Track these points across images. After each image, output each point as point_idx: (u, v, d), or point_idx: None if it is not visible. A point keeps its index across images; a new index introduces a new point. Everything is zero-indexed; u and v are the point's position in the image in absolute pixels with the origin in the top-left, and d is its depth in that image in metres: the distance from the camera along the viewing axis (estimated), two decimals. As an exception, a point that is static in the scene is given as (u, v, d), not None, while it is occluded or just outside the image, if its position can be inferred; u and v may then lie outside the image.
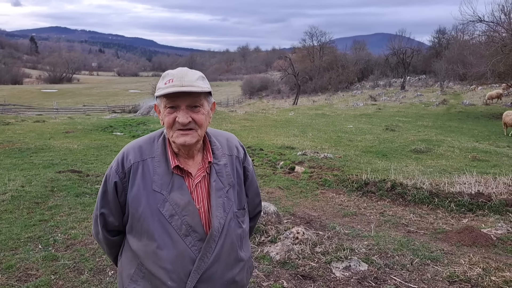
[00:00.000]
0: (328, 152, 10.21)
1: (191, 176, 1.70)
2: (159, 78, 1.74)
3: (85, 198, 6.41)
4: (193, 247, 1.63)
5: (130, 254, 1.73)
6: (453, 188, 6.86)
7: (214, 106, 1.78)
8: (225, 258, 1.69)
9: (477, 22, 22.27)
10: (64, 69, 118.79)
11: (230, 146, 1.86)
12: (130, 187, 1.68)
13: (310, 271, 4.00)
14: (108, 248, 1.87)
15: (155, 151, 1.71)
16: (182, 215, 1.63)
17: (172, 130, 1.65)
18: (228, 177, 1.77)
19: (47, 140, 13.02)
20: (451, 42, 54.04)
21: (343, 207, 6.43)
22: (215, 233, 1.65)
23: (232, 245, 1.72)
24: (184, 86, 1.59)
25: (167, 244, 1.62)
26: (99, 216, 1.76)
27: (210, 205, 1.69)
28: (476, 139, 14.11)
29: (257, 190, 2.03)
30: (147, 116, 25.59)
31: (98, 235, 1.84)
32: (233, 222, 1.74)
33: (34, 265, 4.04)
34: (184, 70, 1.67)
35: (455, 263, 4.19)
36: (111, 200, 1.72)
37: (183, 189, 1.66)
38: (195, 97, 1.63)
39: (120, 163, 1.71)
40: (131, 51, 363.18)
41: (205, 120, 1.68)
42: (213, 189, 1.70)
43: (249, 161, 1.94)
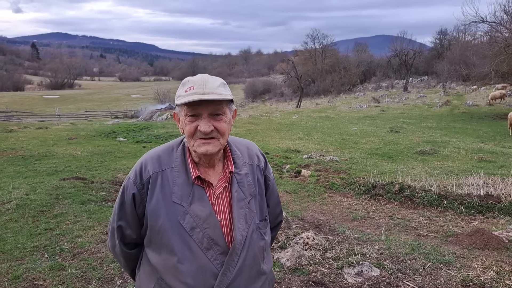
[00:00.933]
0: (333, 155, 10.14)
1: (212, 187, 1.64)
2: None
3: (90, 206, 6.35)
4: (215, 261, 1.57)
5: (148, 268, 1.66)
6: (461, 190, 6.78)
7: (235, 114, 1.71)
8: (248, 272, 1.62)
9: (480, 23, 22.22)
10: (66, 75, 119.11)
11: (250, 155, 1.79)
12: (149, 199, 1.61)
13: (321, 277, 3.93)
14: (125, 262, 1.81)
15: (174, 161, 1.65)
16: (203, 227, 1.57)
17: (193, 139, 1.58)
18: (250, 187, 1.70)
19: (51, 147, 12.99)
20: (452, 43, 53.98)
21: (351, 210, 6.36)
22: (237, 246, 1.58)
23: (254, 258, 1.65)
24: (205, 93, 1.53)
25: (188, 258, 1.55)
26: (116, 228, 1.70)
27: (232, 216, 1.62)
28: (481, 140, 14.01)
29: (278, 199, 1.96)
30: (150, 121, 25.59)
31: (114, 248, 1.77)
32: (256, 234, 1.67)
33: (41, 275, 3.98)
34: (205, 77, 1.61)
35: (468, 267, 4.12)
36: (129, 212, 1.66)
37: (204, 201, 1.60)
38: (217, 105, 1.57)
39: (138, 174, 1.64)
40: (132, 56, 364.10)
41: (227, 129, 1.62)
42: (235, 200, 1.63)
43: (269, 169, 1.87)
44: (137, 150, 12.68)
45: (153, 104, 51.12)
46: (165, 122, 23.31)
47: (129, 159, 10.94)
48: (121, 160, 10.64)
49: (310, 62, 66.66)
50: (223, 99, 1.56)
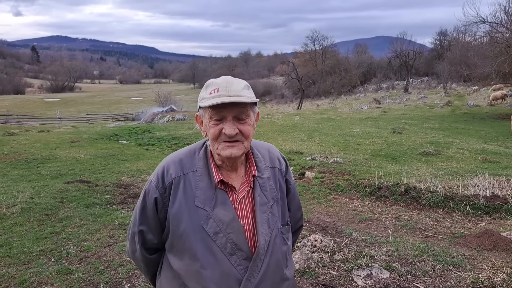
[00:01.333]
0: (337, 157, 10.11)
1: (235, 191, 1.62)
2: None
3: (95, 209, 6.33)
4: (239, 267, 1.54)
5: (170, 273, 1.64)
6: (467, 191, 6.75)
7: (258, 116, 1.69)
8: (271, 278, 1.59)
9: (481, 23, 22.20)
10: (66, 78, 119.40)
11: (272, 158, 1.77)
12: (171, 203, 1.59)
13: (331, 280, 3.90)
14: (145, 267, 1.78)
15: (197, 164, 1.63)
16: (226, 232, 1.54)
17: (217, 142, 1.56)
18: (272, 191, 1.68)
19: (53, 150, 12.98)
20: (452, 44, 53.98)
21: (357, 212, 6.33)
22: (261, 251, 1.56)
23: (278, 263, 1.63)
24: (230, 96, 1.51)
25: (211, 264, 1.53)
26: (137, 233, 1.67)
27: (255, 221, 1.60)
28: (484, 140, 13.98)
29: (299, 203, 1.94)
30: (152, 123, 25.59)
31: (135, 253, 1.75)
32: (278, 239, 1.65)
33: (48, 279, 3.96)
34: (229, 79, 1.58)
35: (478, 269, 4.09)
36: (151, 217, 1.63)
37: (227, 205, 1.57)
38: (242, 108, 1.55)
39: (160, 178, 1.62)
40: (132, 58, 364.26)
41: (251, 132, 1.59)
42: (258, 204, 1.61)
43: (290, 173, 1.85)
44: (140, 153, 12.66)
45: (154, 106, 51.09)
46: (166, 124, 23.30)
47: (132, 161, 10.92)
48: (124, 163, 10.62)
49: (310, 64, 66.72)
50: (248, 102, 1.54)
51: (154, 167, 10.11)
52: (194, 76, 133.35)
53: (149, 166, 10.11)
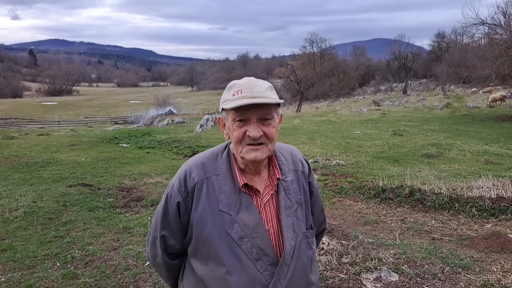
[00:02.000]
0: (339, 159, 10.08)
1: (259, 194, 1.58)
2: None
3: (99, 213, 6.29)
4: (265, 272, 1.50)
5: (193, 279, 1.59)
6: (471, 193, 6.72)
7: (281, 118, 1.65)
8: (297, 283, 1.56)
9: (480, 25, 22.26)
10: (64, 81, 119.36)
11: (294, 161, 1.73)
12: (194, 207, 1.55)
13: (340, 283, 3.87)
14: (167, 273, 1.74)
15: (220, 168, 1.59)
16: (252, 237, 1.51)
17: (241, 145, 1.53)
18: (296, 195, 1.64)
19: (54, 154, 12.95)
20: (450, 46, 54.16)
21: (362, 214, 6.29)
22: (287, 257, 1.52)
23: (303, 268, 1.59)
24: (254, 97, 1.47)
25: (237, 269, 1.49)
26: (159, 238, 1.63)
27: (280, 225, 1.56)
28: (486, 142, 13.97)
29: (322, 206, 1.90)
30: (151, 126, 25.55)
31: (155, 258, 1.71)
32: (304, 243, 1.61)
33: (54, 284, 3.92)
34: (252, 80, 1.55)
35: (487, 271, 4.07)
36: (173, 221, 1.59)
37: (251, 209, 1.54)
38: (266, 109, 1.51)
39: (182, 182, 1.58)
40: (130, 61, 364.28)
41: (276, 134, 1.56)
42: (282, 208, 1.57)
43: (313, 176, 1.81)
44: (141, 156, 12.63)
45: (152, 109, 51.05)
46: (166, 127, 23.26)
47: (134, 165, 10.89)
48: (126, 166, 10.58)
49: (309, 66, 66.85)
50: (272, 103, 1.51)
51: (156, 170, 10.07)
52: (192, 79, 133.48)
53: (151, 169, 10.08)
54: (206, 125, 19.61)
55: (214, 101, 73.38)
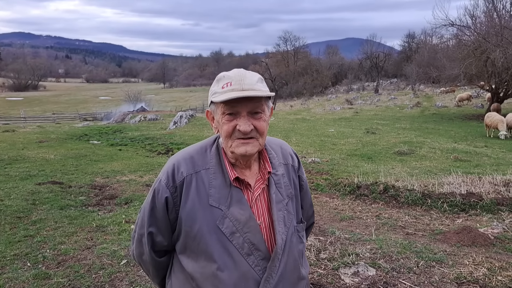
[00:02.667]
0: (314, 157, 10.17)
1: (250, 188, 1.54)
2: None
3: (70, 211, 6.11)
4: (257, 267, 1.47)
5: (182, 276, 1.54)
6: (442, 189, 6.90)
7: (271, 112, 1.60)
8: (289, 277, 1.53)
9: (449, 26, 22.90)
10: (30, 76, 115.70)
11: (284, 155, 1.70)
12: (183, 203, 1.49)
13: (319, 278, 3.88)
14: (154, 271, 1.67)
15: (209, 162, 1.54)
16: (243, 232, 1.46)
17: (231, 139, 1.48)
18: (287, 188, 1.61)
19: (21, 151, 12.53)
20: (420, 46, 55.44)
21: (338, 211, 6.36)
22: (279, 251, 1.49)
23: (295, 262, 1.56)
24: (244, 90, 1.42)
25: (228, 265, 1.45)
26: (146, 235, 1.57)
27: (271, 219, 1.53)
28: (454, 140, 14.39)
29: (311, 200, 1.88)
30: (123, 123, 25.09)
31: (142, 256, 1.64)
32: (295, 237, 1.59)
33: (25, 285, 3.77)
34: (242, 72, 1.50)
35: (459, 264, 4.16)
36: (160, 218, 1.53)
37: (242, 203, 1.49)
38: (256, 102, 1.46)
39: (170, 176, 1.52)
40: (99, 56, 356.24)
41: (266, 128, 1.52)
42: (273, 201, 1.54)
43: (303, 170, 1.78)
44: (113, 153, 12.38)
45: (123, 106, 50.15)
46: (138, 124, 22.90)
47: (106, 162, 10.66)
48: (97, 164, 10.35)
49: (283, 64, 67.08)
50: (263, 96, 1.46)
51: (129, 167, 9.87)
52: (164, 76, 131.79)
53: (124, 166, 9.88)
54: (180, 122, 19.40)
55: (187, 98, 72.74)
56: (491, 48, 20.13)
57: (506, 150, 12.30)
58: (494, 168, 8.83)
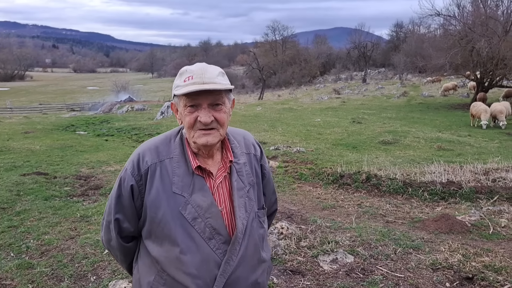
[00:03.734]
0: (299, 146, 10.25)
1: (212, 176, 1.63)
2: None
3: (55, 202, 6.13)
4: (218, 250, 1.56)
5: (148, 260, 1.63)
6: (424, 178, 7.04)
7: (233, 103, 1.69)
8: (250, 260, 1.63)
9: (436, 16, 23.03)
10: (16, 66, 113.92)
11: (247, 144, 1.79)
12: (148, 190, 1.58)
13: (298, 265, 3.98)
14: (122, 256, 1.76)
15: (173, 151, 1.62)
16: (205, 217, 1.55)
17: (193, 130, 1.56)
18: (248, 176, 1.70)
19: (5, 142, 12.43)
20: (408, 36, 55.65)
21: (321, 200, 6.46)
22: (239, 235, 1.59)
23: (255, 246, 1.66)
24: (205, 83, 1.50)
25: (191, 249, 1.54)
26: (113, 222, 1.65)
27: (233, 206, 1.62)
28: (439, 129, 14.57)
29: (273, 188, 1.98)
30: (110, 113, 24.94)
31: (110, 242, 1.72)
32: (255, 222, 1.68)
33: (8, 275, 3.81)
34: (203, 66, 1.58)
35: (436, 251, 4.29)
36: (127, 205, 1.61)
37: (205, 190, 1.58)
38: (217, 95, 1.55)
39: (136, 165, 1.60)
40: (87, 46, 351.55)
41: (227, 119, 1.60)
42: (235, 189, 1.63)
43: (265, 159, 1.88)
44: (99, 144, 12.34)
45: (111, 96, 49.71)
46: (125, 114, 22.78)
47: (91, 153, 10.63)
48: (83, 154, 10.32)
49: (271, 54, 66.89)
50: (223, 89, 1.54)
51: (115, 158, 9.87)
52: (153, 66, 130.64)
53: (110, 157, 9.87)
54: (167, 112, 19.34)
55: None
56: (476, 38, 20.33)
57: (488, 139, 12.50)
58: (475, 157, 9.00)
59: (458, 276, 3.75)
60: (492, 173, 7.26)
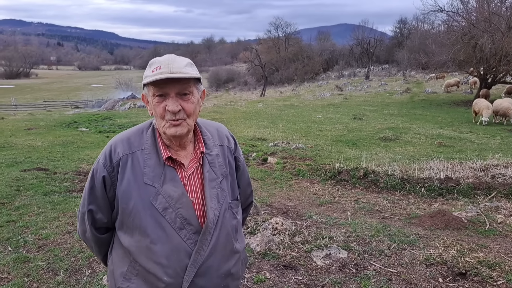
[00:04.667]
0: (299, 143, 10.26)
1: (184, 167, 1.64)
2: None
3: (54, 197, 6.18)
4: (188, 240, 1.58)
5: (121, 251, 1.65)
6: (422, 174, 7.04)
7: (204, 94, 1.71)
8: (221, 250, 1.65)
9: (438, 12, 22.92)
10: (21, 64, 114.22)
11: (220, 136, 1.81)
12: (120, 181, 1.60)
13: (291, 260, 4.00)
14: (96, 247, 1.79)
15: (145, 143, 1.64)
16: (176, 207, 1.57)
17: (164, 120, 1.58)
18: (221, 168, 1.72)
19: (8, 138, 12.51)
20: (412, 32, 55.37)
21: (318, 196, 6.48)
22: (210, 225, 1.60)
23: (227, 236, 1.68)
24: (172, 72, 1.52)
25: (161, 238, 1.56)
26: (86, 213, 1.67)
27: (204, 196, 1.64)
28: (440, 126, 14.53)
29: (248, 180, 2.00)
30: (112, 110, 25.02)
31: (85, 233, 1.75)
32: (228, 213, 1.70)
33: (5, 268, 3.86)
34: (171, 57, 1.60)
35: (430, 247, 4.30)
36: (99, 196, 1.64)
37: (176, 181, 1.60)
38: (184, 84, 1.56)
39: (108, 157, 1.62)
40: (91, 44, 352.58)
41: (195, 109, 1.62)
42: (207, 180, 1.65)
43: (239, 151, 1.90)
44: (100, 140, 12.41)
45: (114, 93, 49.86)
46: (128, 111, 22.85)
47: (92, 149, 10.69)
48: (84, 150, 10.38)
49: (274, 51, 66.70)
50: (189, 77, 1.56)
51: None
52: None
53: (110, 153, 9.92)
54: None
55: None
56: (479, 34, 20.22)
57: (490, 136, 12.46)
58: (476, 154, 8.98)
59: (451, 272, 3.76)
60: (491, 169, 7.25)
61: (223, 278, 1.66)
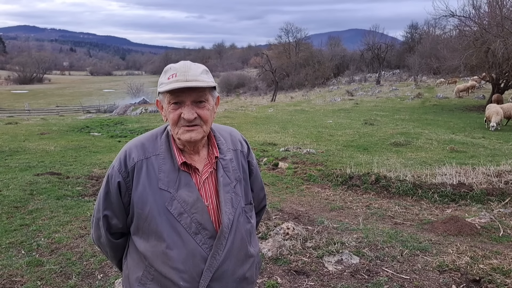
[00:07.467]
0: (310, 148, 10.24)
1: (198, 172, 1.65)
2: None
3: (66, 201, 6.24)
4: (204, 245, 1.58)
5: (136, 256, 1.66)
6: (435, 180, 6.97)
7: (218, 101, 1.73)
8: (236, 254, 1.65)
9: (450, 17, 22.73)
10: (35, 69, 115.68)
11: (234, 141, 1.82)
12: (135, 187, 1.61)
13: (303, 266, 3.99)
14: (112, 252, 1.80)
15: (159, 148, 1.65)
16: (191, 212, 1.58)
17: (177, 127, 1.59)
18: (235, 172, 1.73)
19: (22, 143, 12.67)
20: (423, 37, 55.07)
21: (329, 201, 6.45)
22: (225, 230, 1.61)
23: (242, 240, 1.68)
24: (188, 81, 1.53)
25: (177, 244, 1.56)
26: (102, 218, 1.69)
27: (219, 201, 1.64)
28: (452, 131, 14.39)
29: (261, 184, 2.00)
30: (124, 115, 25.22)
31: (100, 239, 1.76)
32: (242, 217, 1.70)
33: (19, 271, 3.90)
34: (187, 64, 1.61)
35: (443, 253, 4.25)
36: (115, 201, 1.65)
37: (190, 186, 1.61)
38: (200, 92, 1.57)
39: (123, 162, 1.64)
40: (103, 49, 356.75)
41: (210, 116, 1.63)
42: (221, 184, 1.66)
43: (252, 155, 1.91)
44: (112, 145, 12.50)
45: (126, 98, 50.27)
46: (139, 116, 23.01)
47: (104, 153, 10.78)
48: (96, 155, 10.47)
49: (284, 56, 66.73)
50: (205, 86, 1.56)
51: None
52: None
53: (122, 158, 9.99)
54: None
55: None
56: (492, 39, 20.00)
57: (503, 141, 12.30)
58: (489, 159, 8.87)
59: (465, 279, 3.71)
60: (505, 175, 7.15)
61: (238, 282, 1.67)
